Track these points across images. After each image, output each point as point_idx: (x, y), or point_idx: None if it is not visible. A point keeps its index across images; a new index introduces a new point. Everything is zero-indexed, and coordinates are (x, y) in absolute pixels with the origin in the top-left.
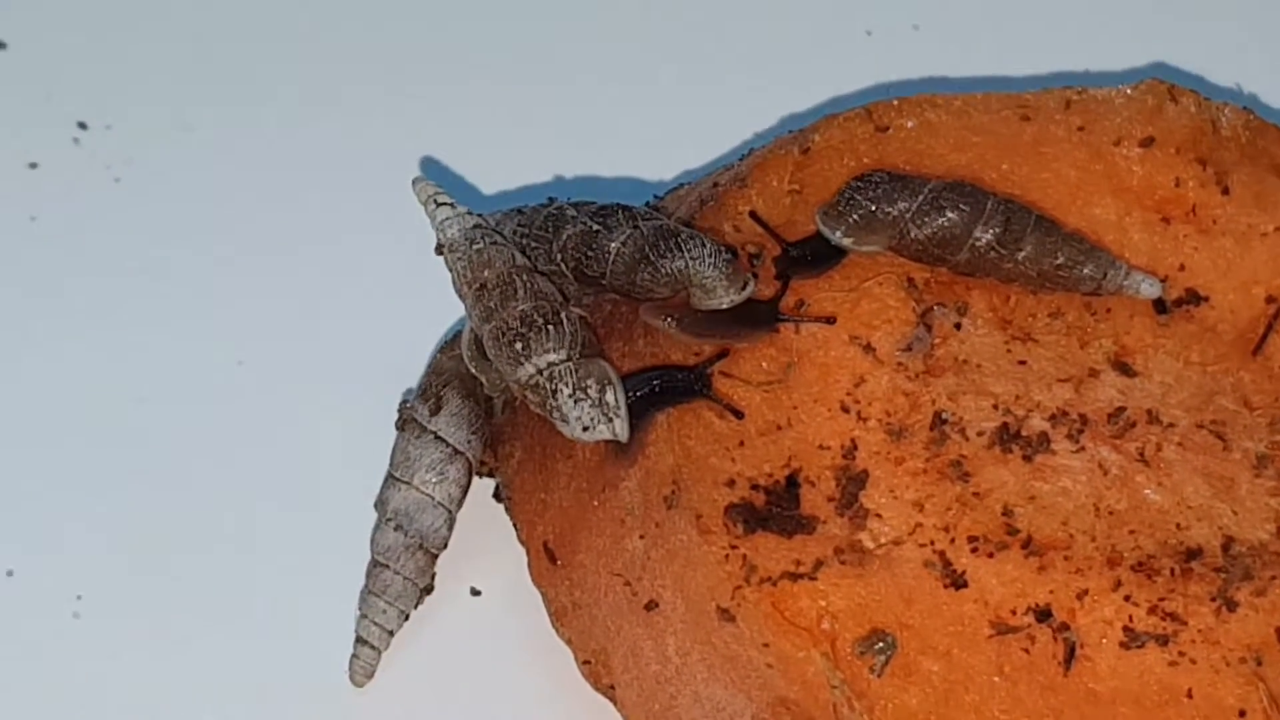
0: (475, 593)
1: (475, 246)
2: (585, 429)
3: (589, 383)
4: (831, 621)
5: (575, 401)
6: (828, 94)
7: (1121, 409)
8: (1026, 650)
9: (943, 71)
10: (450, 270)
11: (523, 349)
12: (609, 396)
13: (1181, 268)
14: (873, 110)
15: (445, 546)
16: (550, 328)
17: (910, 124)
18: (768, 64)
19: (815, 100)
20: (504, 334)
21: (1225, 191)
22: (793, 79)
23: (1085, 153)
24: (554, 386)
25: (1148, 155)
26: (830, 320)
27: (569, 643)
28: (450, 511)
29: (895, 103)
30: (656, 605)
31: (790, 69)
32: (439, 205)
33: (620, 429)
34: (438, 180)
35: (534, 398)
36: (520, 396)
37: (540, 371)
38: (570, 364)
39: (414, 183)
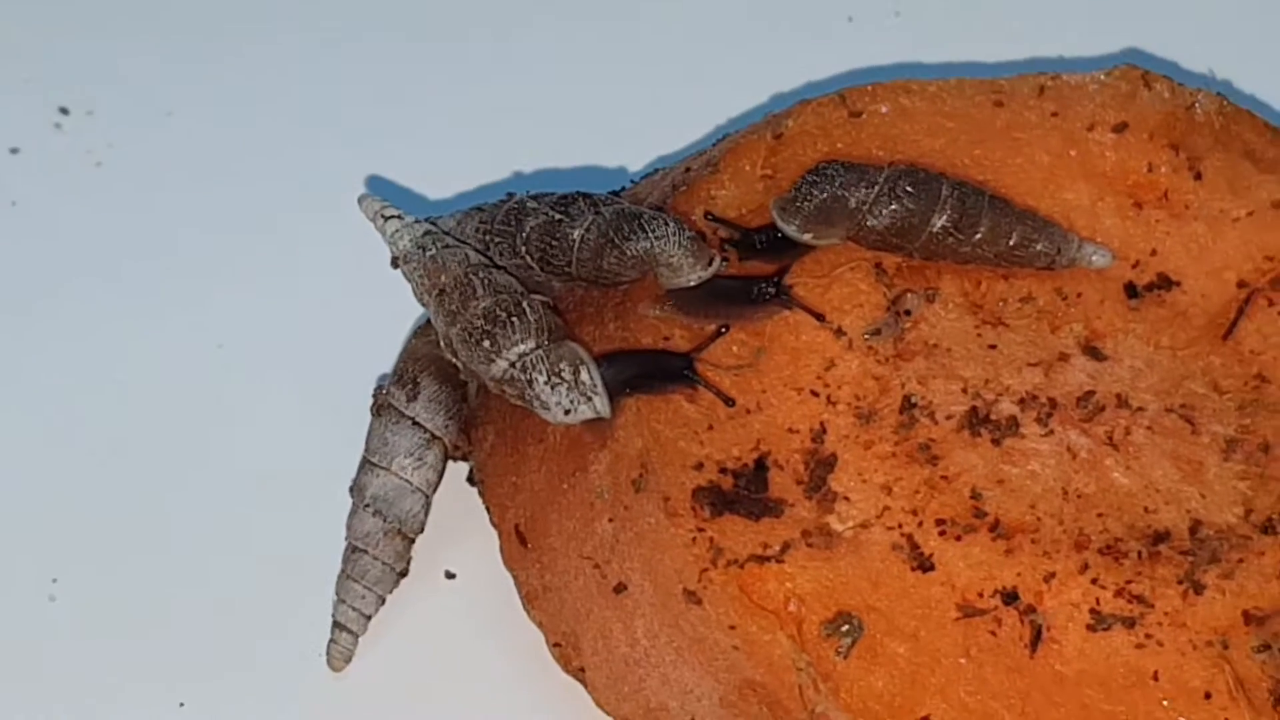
0: (450, 575)
1: (429, 254)
2: (567, 412)
3: (562, 366)
4: (798, 604)
5: (552, 387)
6: (806, 79)
7: (1091, 393)
8: (993, 632)
9: (921, 58)
10: (409, 281)
11: (491, 346)
12: (584, 376)
13: (1153, 252)
14: (847, 95)
15: (422, 530)
16: (514, 319)
17: (884, 109)
18: (748, 50)
19: (794, 84)
20: (470, 334)
21: (1198, 177)
22: (773, 65)
23: (1058, 138)
24: (529, 376)
25: (1121, 141)
26: (820, 316)
27: (540, 625)
28: (427, 496)
29: (870, 88)
30: (625, 588)
31: (771, 54)
32: (387, 219)
33: (602, 405)
34: (387, 192)
35: (512, 391)
36: (499, 392)
37: (513, 364)
38: (541, 351)
39: (360, 200)
